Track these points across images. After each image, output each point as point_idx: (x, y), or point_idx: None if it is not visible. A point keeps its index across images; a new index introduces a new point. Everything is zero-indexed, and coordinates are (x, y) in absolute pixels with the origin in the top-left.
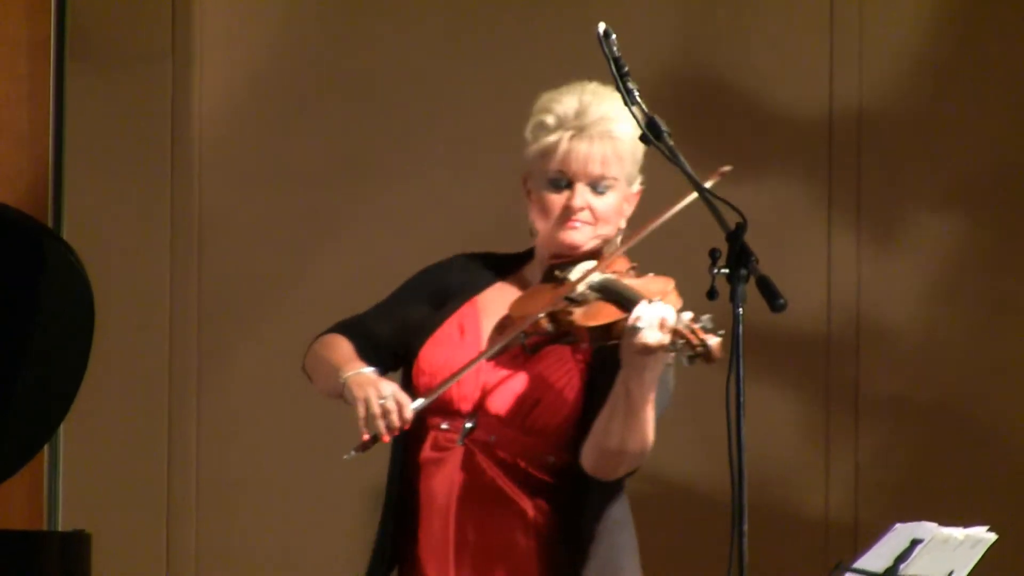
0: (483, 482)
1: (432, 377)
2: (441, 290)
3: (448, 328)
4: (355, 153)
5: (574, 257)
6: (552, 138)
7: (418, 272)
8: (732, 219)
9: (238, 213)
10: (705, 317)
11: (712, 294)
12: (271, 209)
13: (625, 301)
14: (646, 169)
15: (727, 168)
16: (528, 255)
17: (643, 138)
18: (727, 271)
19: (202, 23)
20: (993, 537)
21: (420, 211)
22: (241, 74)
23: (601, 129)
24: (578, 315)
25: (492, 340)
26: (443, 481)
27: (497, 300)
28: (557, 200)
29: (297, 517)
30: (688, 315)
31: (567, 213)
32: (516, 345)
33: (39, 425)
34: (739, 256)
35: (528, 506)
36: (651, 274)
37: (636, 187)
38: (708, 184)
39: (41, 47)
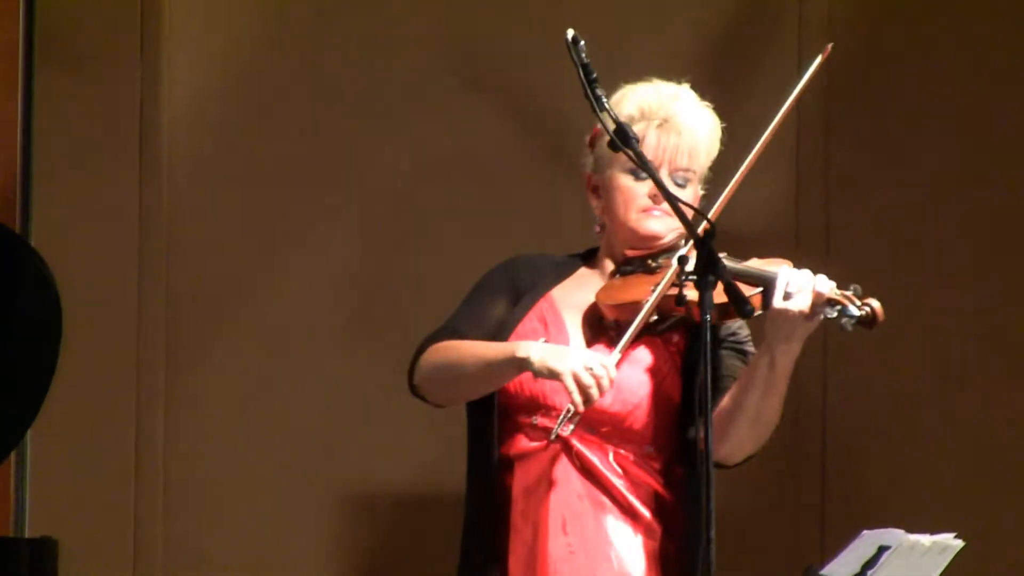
0: (582, 476)
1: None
2: (514, 287)
3: (529, 323)
4: (324, 153)
5: (653, 249)
6: (636, 128)
7: (486, 274)
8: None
9: (207, 214)
10: (853, 286)
11: (680, 300)
12: (240, 210)
13: (753, 277)
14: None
15: (830, 45)
16: (585, 255)
17: (611, 144)
18: (695, 277)
19: (171, 24)
20: (960, 544)
21: (390, 212)
22: (210, 74)
23: (686, 121)
24: (695, 296)
25: (585, 332)
26: (536, 477)
27: (572, 294)
28: (638, 188)
29: (265, 521)
30: (832, 283)
31: (650, 201)
32: (608, 332)
33: (6, 431)
34: (707, 262)
35: (628, 499)
36: (754, 258)
37: (701, 189)
38: (816, 62)
39: (10, 50)
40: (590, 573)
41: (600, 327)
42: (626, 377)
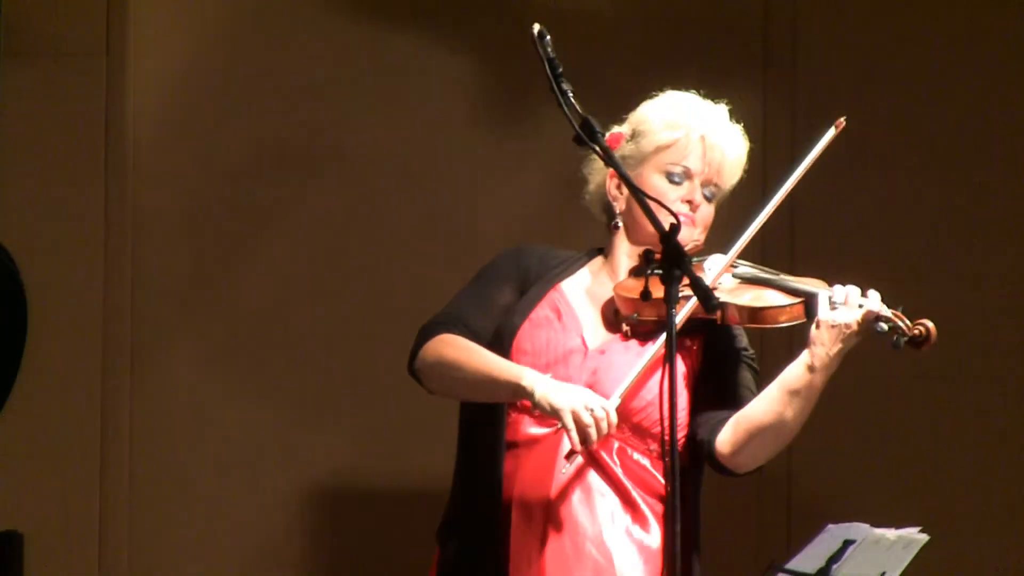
0: (588, 466)
1: (535, 357)
2: (521, 276)
3: (542, 311)
4: (288, 150)
5: None
6: (679, 134)
7: (493, 260)
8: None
9: (171, 210)
10: (901, 308)
11: (646, 295)
12: (204, 206)
13: (796, 290)
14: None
15: (843, 120)
16: (589, 254)
17: (577, 139)
18: (660, 272)
19: (136, 20)
20: (925, 538)
21: (353, 209)
22: (175, 71)
23: (730, 142)
24: (730, 298)
25: (599, 324)
26: (541, 464)
27: (583, 287)
28: (672, 192)
29: (231, 517)
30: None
31: (683, 207)
32: (624, 330)
33: None
34: (673, 257)
35: (631, 493)
36: (784, 274)
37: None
38: (828, 135)
39: None
40: (590, 563)
41: (614, 321)
42: (645, 375)
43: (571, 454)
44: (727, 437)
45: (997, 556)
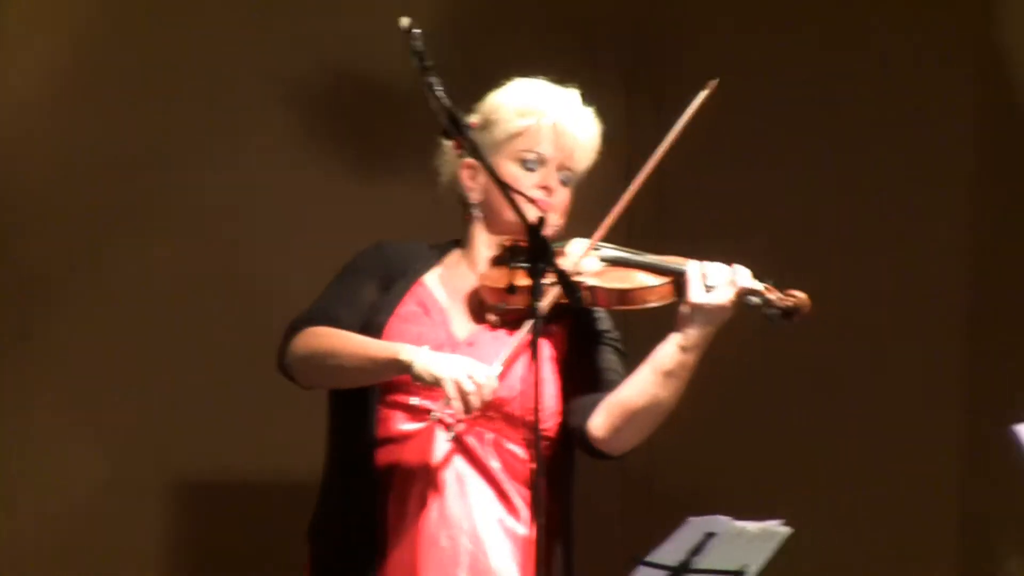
0: (461, 459)
1: None
2: (383, 272)
3: (408, 306)
4: (154, 146)
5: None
6: (531, 121)
7: (355, 257)
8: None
9: (32, 208)
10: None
11: (511, 288)
12: (66, 203)
13: (662, 269)
14: None
15: (716, 81)
16: (446, 246)
17: (445, 133)
18: (527, 266)
19: (1, 14)
20: (787, 531)
21: (221, 205)
22: (38, 66)
23: (581, 126)
24: (598, 281)
25: (464, 316)
26: (414, 459)
27: (446, 279)
28: (527, 179)
29: (85, 512)
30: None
31: (539, 193)
32: (493, 319)
33: None
34: (539, 251)
35: (504, 485)
36: (648, 254)
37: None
38: (700, 96)
39: None
40: (466, 555)
41: (480, 312)
42: (514, 363)
43: (452, 425)
44: (600, 421)
45: (859, 548)
